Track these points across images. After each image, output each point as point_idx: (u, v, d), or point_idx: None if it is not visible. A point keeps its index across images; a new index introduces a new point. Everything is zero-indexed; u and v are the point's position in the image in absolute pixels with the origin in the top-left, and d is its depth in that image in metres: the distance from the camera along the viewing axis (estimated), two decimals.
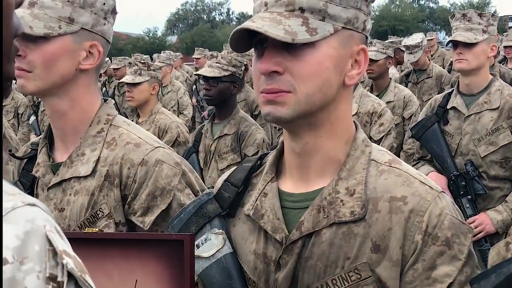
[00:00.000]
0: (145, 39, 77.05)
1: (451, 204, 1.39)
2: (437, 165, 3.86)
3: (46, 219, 0.77)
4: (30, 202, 0.77)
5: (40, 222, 0.75)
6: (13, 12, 0.90)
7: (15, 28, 0.92)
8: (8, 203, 0.74)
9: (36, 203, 0.77)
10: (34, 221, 0.75)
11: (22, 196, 0.77)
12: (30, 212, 0.75)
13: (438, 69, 7.91)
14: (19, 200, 0.76)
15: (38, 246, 0.73)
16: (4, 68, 0.91)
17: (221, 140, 4.62)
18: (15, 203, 0.75)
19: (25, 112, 7.81)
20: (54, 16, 1.86)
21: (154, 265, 1.37)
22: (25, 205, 0.76)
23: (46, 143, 2.02)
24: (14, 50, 0.93)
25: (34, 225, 0.74)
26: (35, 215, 0.76)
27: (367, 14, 1.43)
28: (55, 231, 0.77)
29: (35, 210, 0.76)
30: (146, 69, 5.31)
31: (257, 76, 1.38)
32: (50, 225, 0.76)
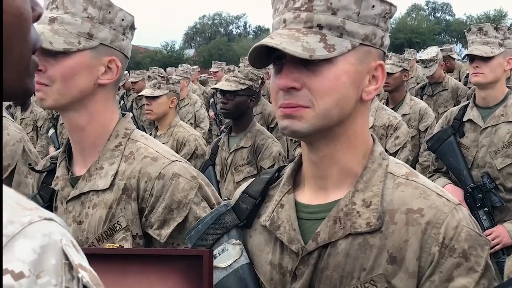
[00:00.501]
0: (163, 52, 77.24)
1: (468, 216, 1.40)
2: (453, 178, 3.84)
3: (63, 233, 0.77)
4: (47, 217, 0.77)
5: (56, 237, 0.76)
6: (31, 26, 0.91)
7: (33, 43, 0.93)
8: (25, 217, 0.75)
9: (53, 218, 0.78)
10: (50, 235, 0.75)
11: (39, 210, 0.78)
12: (47, 227, 0.76)
13: (453, 81, 7.89)
14: (36, 214, 0.76)
15: (54, 260, 0.74)
16: (24, 82, 0.92)
17: (238, 153, 4.64)
18: (32, 217, 0.75)
19: (44, 125, 7.87)
20: (74, 32, 1.89)
21: (173, 281, 1.38)
22: (42, 220, 0.76)
23: (65, 156, 2.04)
24: (34, 65, 0.94)
25: (50, 239, 0.75)
26: (51, 230, 0.76)
27: (384, 30, 1.44)
28: (71, 245, 0.77)
29: (52, 224, 0.77)
30: (165, 83, 5.35)
31: (276, 91, 1.40)
32: (66, 239, 0.77)
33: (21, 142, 3.11)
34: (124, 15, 1.97)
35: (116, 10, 1.95)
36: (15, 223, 0.74)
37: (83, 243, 1.93)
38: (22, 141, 3.12)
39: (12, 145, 3.07)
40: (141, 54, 69.95)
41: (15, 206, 0.76)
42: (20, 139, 3.11)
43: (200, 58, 70.95)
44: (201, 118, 8.91)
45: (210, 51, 74.00)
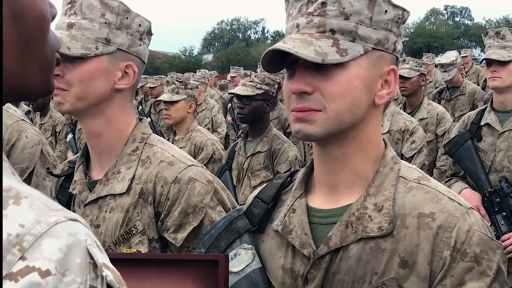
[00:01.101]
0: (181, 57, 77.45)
1: (480, 220, 1.40)
2: (471, 182, 3.83)
3: (87, 234, 0.79)
4: (72, 217, 0.79)
5: (81, 236, 0.78)
6: (50, 27, 0.94)
7: (53, 43, 0.96)
8: (52, 218, 0.77)
9: (78, 219, 0.80)
10: (76, 235, 0.77)
11: (65, 211, 0.80)
12: (72, 227, 0.78)
13: (471, 86, 7.86)
14: (62, 215, 0.78)
15: (79, 259, 0.76)
16: (47, 81, 0.95)
17: (254, 157, 4.65)
18: (58, 218, 0.78)
19: (62, 130, 7.92)
20: (92, 37, 1.91)
21: (190, 285, 1.39)
22: (67, 220, 0.78)
23: (82, 161, 2.06)
24: (57, 62, 0.97)
25: (76, 239, 0.77)
26: (77, 230, 0.78)
27: (397, 35, 1.45)
28: (95, 245, 0.79)
29: (77, 225, 0.79)
30: (184, 88, 5.38)
31: (288, 95, 1.41)
32: (90, 239, 0.79)
33: (39, 144, 3.14)
34: (141, 21, 1.99)
35: (133, 16, 1.97)
36: (42, 222, 0.76)
37: None
38: (40, 143, 3.15)
39: (30, 148, 3.10)
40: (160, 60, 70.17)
41: (42, 207, 0.78)
42: (38, 142, 3.15)
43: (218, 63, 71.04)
44: (218, 123, 8.93)
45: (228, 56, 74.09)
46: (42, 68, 0.93)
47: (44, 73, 0.94)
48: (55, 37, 0.97)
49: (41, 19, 0.91)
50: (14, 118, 3.17)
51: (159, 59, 70.18)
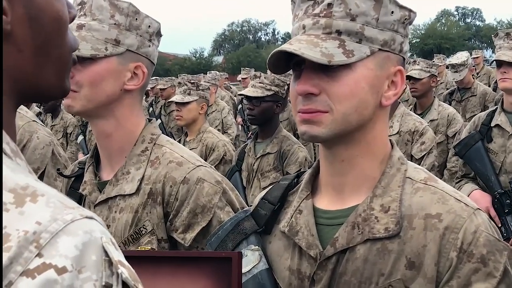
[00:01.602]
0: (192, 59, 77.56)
1: (487, 221, 1.39)
2: (481, 183, 3.82)
3: (103, 231, 0.80)
4: (88, 215, 0.80)
5: (97, 234, 0.79)
6: (67, 27, 0.95)
7: (71, 43, 0.97)
8: (68, 215, 0.78)
9: (94, 216, 0.81)
10: (91, 233, 0.78)
11: (81, 209, 0.81)
12: (88, 225, 0.79)
13: (482, 87, 7.84)
14: (77, 213, 0.79)
15: (95, 256, 0.77)
16: (63, 82, 0.97)
17: (264, 158, 4.65)
18: (74, 215, 0.78)
19: (73, 132, 7.95)
20: (101, 38, 1.92)
21: (203, 282, 1.40)
22: (83, 218, 0.79)
23: (92, 162, 2.07)
24: (73, 63, 0.98)
25: (91, 237, 0.78)
26: (92, 227, 0.79)
27: (404, 36, 1.45)
28: (110, 243, 0.80)
29: (92, 222, 0.80)
30: (195, 89, 5.41)
31: (295, 97, 1.41)
32: (106, 237, 0.80)
33: (50, 145, 3.15)
34: (150, 22, 2.00)
35: (142, 17, 1.98)
36: (58, 220, 0.77)
37: None
38: (51, 144, 3.16)
39: (41, 149, 3.11)
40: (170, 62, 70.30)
41: (58, 205, 0.79)
42: (50, 143, 3.16)
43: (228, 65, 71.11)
44: (229, 125, 8.94)
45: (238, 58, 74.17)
46: (58, 69, 0.95)
47: (60, 74, 0.95)
48: (74, 37, 0.98)
49: (57, 20, 0.93)
50: (25, 119, 3.18)
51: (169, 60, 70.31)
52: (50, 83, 0.94)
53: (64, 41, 0.95)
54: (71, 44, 0.97)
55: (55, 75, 0.94)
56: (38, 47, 0.90)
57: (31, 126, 3.18)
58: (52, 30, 0.92)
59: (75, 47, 0.98)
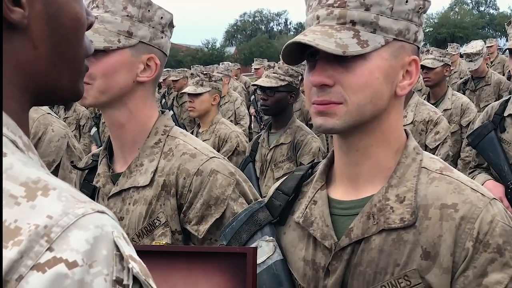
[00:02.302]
0: (204, 50, 77.60)
1: (503, 211, 1.38)
2: (494, 173, 3.79)
3: (114, 226, 0.80)
4: (100, 210, 0.80)
5: (108, 229, 0.79)
6: (84, 31, 0.95)
7: (86, 49, 0.97)
8: (79, 209, 0.78)
9: (105, 211, 0.81)
10: (103, 227, 0.78)
11: (93, 203, 0.80)
12: (100, 219, 0.79)
13: (496, 76, 7.79)
14: (89, 207, 0.79)
15: (106, 251, 0.77)
16: (76, 86, 0.96)
17: (277, 149, 4.65)
18: (85, 209, 0.78)
19: (86, 124, 7.97)
20: (114, 30, 1.91)
21: (218, 277, 1.40)
22: (94, 212, 0.79)
23: (106, 154, 2.07)
24: (85, 70, 0.98)
25: (103, 231, 0.78)
26: (104, 222, 0.79)
27: (418, 25, 1.44)
28: (122, 237, 0.80)
29: (104, 217, 0.80)
30: (208, 80, 5.40)
31: (309, 88, 1.41)
32: (117, 231, 0.80)
33: (65, 138, 3.16)
34: (163, 13, 1.99)
35: (155, 9, 1.98)
36: (70, 214, 0.77)
37: None
38: (66, 137, 3.17)
39: (56, 141, 3.13)
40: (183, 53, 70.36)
41: (70, 199, 0.79)
42: (65, 135, 3.17)
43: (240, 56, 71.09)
44: (241, 116, 8.94)
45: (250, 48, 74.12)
46: (72, 71, 0.95)
47: (73, 77, 0.95)
48: (89, 43, 0.98)
49: (75, 21, 0.93)
50: (40, 111, 3.19)
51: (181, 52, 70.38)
52: (63, 85, 0.94)
53: (80, 44, 0.95)
54: (86, 49, 0.97)
55: (69, 77, 0.94)
56: (54, 46, 0.90)
57: (46, 118, 3.19)
58: (69, 30, 0.92)
59: (89, 52, 0.98)
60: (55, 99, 0.98)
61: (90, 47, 0.99)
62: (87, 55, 0.97)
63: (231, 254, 1.41)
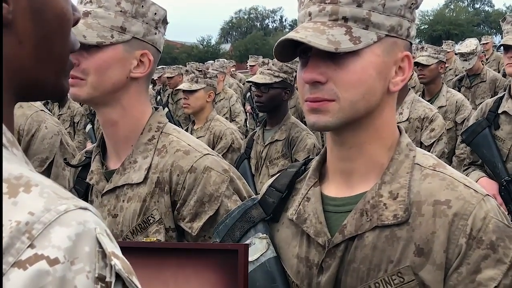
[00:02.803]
0: (199, 47, 77.60)
1: (497, 207, 1.38)
2: (488, 171, 3.79)
3: (97, 222, 0.79)
4: (82, 206, 0.80)
5: (91, 225, 0.78)
6: (70, 27, 0.95)
7: (72, 45, 0.96)
8: (62, 206, 0.77)
9: (88, 207, 0.81)
10: (85, 223, 0.78)
11: (75, 200, 0.80)
12: (82, 215, 0.78)
13: (492, 73, 7.81)
14: (71, 203, 0.79)
15: (88, 248, 0.76)
16: (61, 82, 0.96)
17: (272, 146, 4.65)
18: (68, 206, 0.78)
19: (81, 121, 7.96)
20: (107, 26, 1.91)
21: (209, 274, 1.40)
22: (77, 209, 0.79)
23: (99, 151, 2.07)
24: (70, 66, 0.98)
25: (85, 228, 0.77)
26: (86, 218, 0.78)
27: (411, 21, 1.43)
28: (105, 234, 0.79)
29: (86, 213, 0.79)
30: (203, 77, 5.39)
31: (302, 85, 1.40)
32: (100, 228, 0.79)
33: (58, 135, 3.16)
34: (156, 9, 1.99)
35: (148, 4, 1.97)
36: (52, 211, 0.76)
37: (117, 236, 1.95)
38: (59, 134, 3.17)
39: (50, 138, 3.12)
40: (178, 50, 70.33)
41: (52, 195, 0.79)
42: (58, 132, 3.16)
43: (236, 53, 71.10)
44: (237, 113, 8.94)
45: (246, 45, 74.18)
46: (57, 67, 0.94)
47: (58, 73, 0.94)
48: (75, 39, 0.98)
49: (61, 16, 0.92)
50: (33, 108, 3.19)
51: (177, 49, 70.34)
52: (48, 80, 0.93)
53: (66, 40, 0.94)
54: (72, 45, 0.96)
55: (54, 72, 0.93)
56: (39, 41, 0.89)
57: (39, 115, 3.18)
58: (54, 26, 0.91)
59: (75, 48, 0.97)
60: (40, 95, 0.97)
61: (76, 43, 0.98)
62: (73, 50, 0.97)
63: (222, 251, 1.41)
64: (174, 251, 1.46)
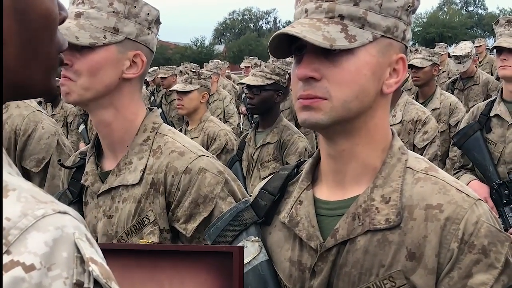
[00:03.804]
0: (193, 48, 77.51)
1: (489, 212, 1.38)
2: (479, 174, 3.79)
3: (76, 227, 0.78)
4: (61, 210, 0.78)
5: (69, 230, 0.77)
6: (56, 26, 0.94)
7: (59, 44, 0.95)
8: (39, 210, 0.76)
9: (68, 211, 0.79)
10: (63, 228, 0.76)
11: (54, 204, 0.79)
12: (60, 220, 0.77)
13: (485, 76, 7.83)
14: (50, 208, 0.77)
15: (66, 253, 0.75)
16: (49, 81, 0.95)
17: (264, 148, 4.64)
18: (45, 211, 0.76)
19: (74, 121, 7.94)
20: (100, 27, 1.90)
21: (204, 276, 1.40)
22: (55, 213, 0.77)
23: (94, 152, 2.06)
24: (59, 63, 0.96)
25: (63, 233, 0.76)
26: (64, 223, 0.77)
27: (407, 23, 1.43)
28: (84, 239, 0.78)
29: (65, 217, 0.78)
30: (197, 78, 5.38)
31: (295, 82, 1.40)
32: (79, 233, 0.78)
33: (55, 135, 3.15)
34: (149, 10, 1.98)
35: (141, 5, 1.97)
36: (29, 216, 0.75)
37: (112, 237, 1.95)
38: (56, 134, 3.16)
39: (46, 139, 3.11)
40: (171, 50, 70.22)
41: (30, 199, 0.77)
42: (55, 133, 3.15)
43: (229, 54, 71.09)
44: (230, 114, 8.94)
45: (239, 46, 74.14)
46: (44, 67, 0.93)
47: (46, 73, 0.93)
48: (63, 38, 0.97)
49: (46, 17, 0.91)
50: (30, 108, 3.17)
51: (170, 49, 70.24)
52: (35, 81, 0.92)
53: (52, 40, 0.93)
54: (59, 45, 0.95)
55: (41, 73, 0.92)
56: (24, 42, 0.88)
57: (36, 116, 3.17)
58: (39, 26, 0.90)
59: (63, 48, 0.96)
60: (27, 95, 0.96)
61: (64, 42, 0.97)
62: (61, 50, 0.96)
63: (217, 253, 1.41)
64: (169, 253, 1.46)
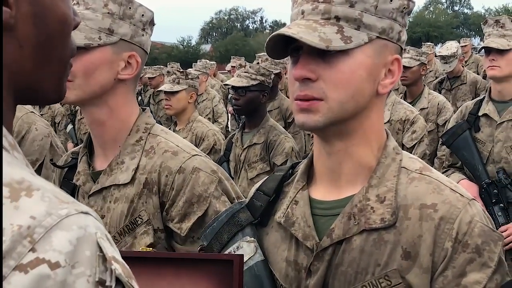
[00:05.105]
0: (180, 48, 77.40)
1: (482, 211, 1.40)
2: (468, 173, 3.81)
3: (98, 227, 0.80)
4: (84, 210, 0.80)
5: (92, 230, 0.79)
6: (71, 31, 0.95)
7: (72, 48, 0.97)
8: (63, 210, 0.78)
9: (89, 212, 0.81)
10: (86, 228, 0.78)
11: (76, 204, 0.81)
12: (83, 220, 0.79)
13: (472, 75, 7.87)
14: (72, 208, 0.79)
15: (89, 252, 0.77)
16: (61, 86, 0.97)
17: (251, 149, 4.64)
18: (69, 210, 0.79)
19: (62, 121, 7.91)
20: (95, 27, 1.91)
21: (204, 284, 1.40)
22: (78, 213, 0.79)
23: (86, 152, 2.07)
24: (69, 69, 0.98)
25: (86, 232, 0.78)
26: (87, 223, 0.79)
27: (402, 25, 1.45)
28: (105, 238, 0.80)
29: (87, 218, 0.80)
30: (184, 78, 5.38)
31: (292, 83, 1.41)
32: (101, 233, 0.80)
33: (49, 137, 3.15)
34: (144, 11, 1.99)
35: (136, 6, 1.98)
36: (53, 215, 0.77)
37: None
38: (49, 136, 3.16)
39: (40, 140, 3.11)
40: (158, 50, 70.07)
41: (53, 199, 0.79)
42: (48, 134, 3.16)
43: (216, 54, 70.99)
44: (219, 113, 8.94)
45: (226, 46, 74.08)
46: (57, 71, 0.94)
47: (58, 77, 0.95)
48: (74, 43, 0.98)
49: (62, 22, 0.93)
50: (23, 110, 3.17)
51: (157, 49, 70.07)
52: (48, 85, 0.94)
53: (66, 45, 0.95)
54: (72, 49, 0.97)
55: (54, 77, 0.94)
56: (40, 46, 0.90)
57: (29, 117, 3.17)
58: (55, 31, 0.92)
59: (74, 52, 0.98)
60: (39, 99, 0.98)
61: (75, 47, 0.99)
62: (73, 55, 0.97)
63: (217, 261, 1.41)
64: (170, 260, 1.46)
